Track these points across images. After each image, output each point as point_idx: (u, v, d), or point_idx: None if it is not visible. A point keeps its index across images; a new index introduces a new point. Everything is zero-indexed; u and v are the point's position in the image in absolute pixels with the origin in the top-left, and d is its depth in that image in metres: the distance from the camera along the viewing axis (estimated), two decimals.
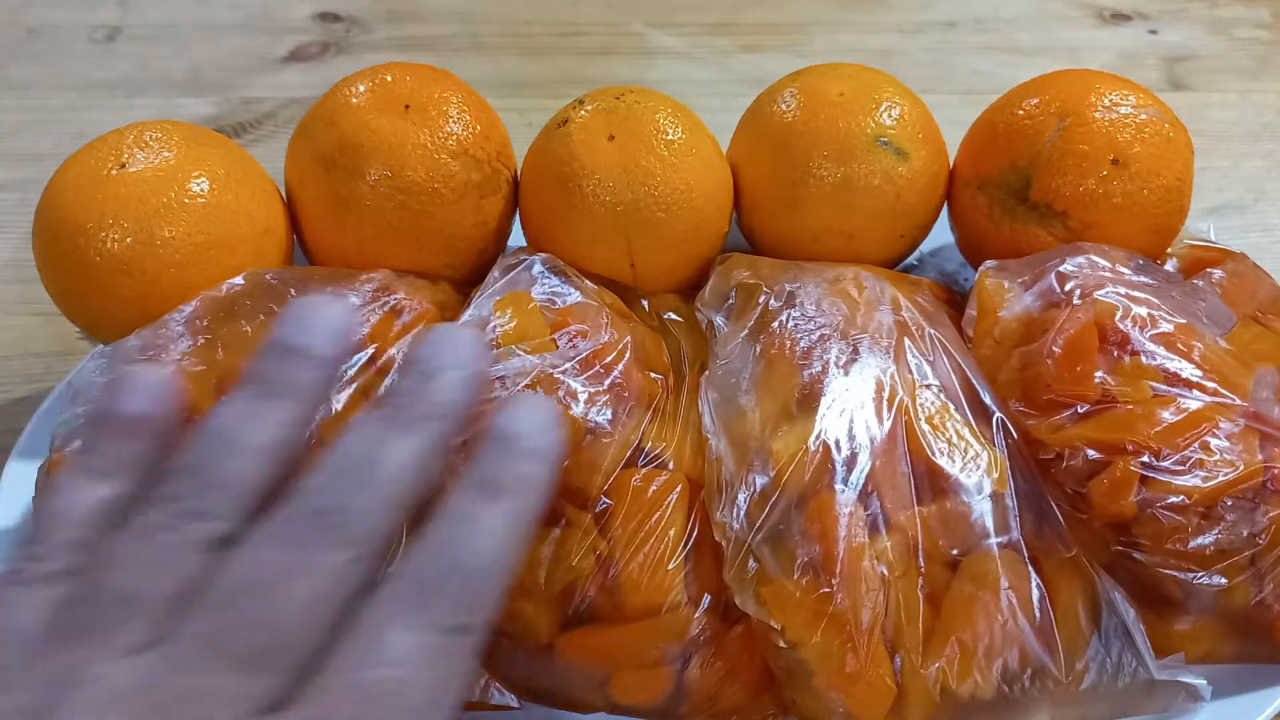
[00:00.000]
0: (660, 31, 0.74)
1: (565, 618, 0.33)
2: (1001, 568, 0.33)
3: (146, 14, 0.74)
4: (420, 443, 0.26)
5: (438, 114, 0.42)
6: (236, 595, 0.23)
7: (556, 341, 0.37)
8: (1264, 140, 0.64)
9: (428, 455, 0.26)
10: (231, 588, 0.23)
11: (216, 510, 0.24)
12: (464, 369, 0.27)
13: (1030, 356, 0.37)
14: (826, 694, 0.32)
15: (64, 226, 0.39)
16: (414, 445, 0.26)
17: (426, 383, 0.27)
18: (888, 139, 0.43)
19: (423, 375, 0.27)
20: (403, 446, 0.26)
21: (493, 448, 0.27)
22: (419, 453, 0.26)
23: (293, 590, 0.23)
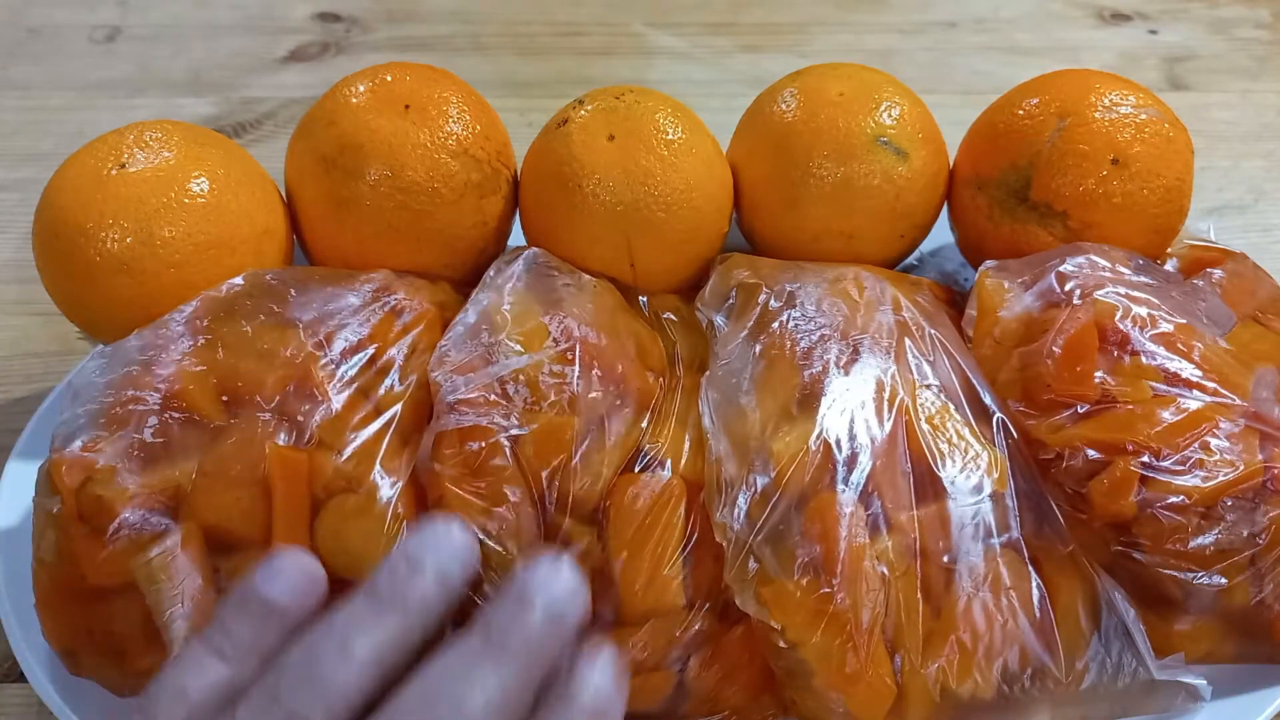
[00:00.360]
0: (660, 31, 0.74)
1: None
2: (1001, 568, 0.33)
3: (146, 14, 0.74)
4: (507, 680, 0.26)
5: (438, 114, 0.42)
6: None
7: (548, 327, 0.37)
8: (1264, 140, 0.64)
9: (511, 694, 0.26)
10: None
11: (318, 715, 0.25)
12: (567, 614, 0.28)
13: (1030, 356, 0.37)
14: (826, 694, 0.32)
15: (64, 226, 0.39)
16: (502, 682, 0.26)
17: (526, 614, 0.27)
18: (888, 139, 0.43)
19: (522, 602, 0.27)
20: (491, 683, 0.26)
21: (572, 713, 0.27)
22: (504, 689, 0.26)
23: None
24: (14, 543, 0.38)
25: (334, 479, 0.33)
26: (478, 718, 0.25)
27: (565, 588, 0.28)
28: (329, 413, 0.35)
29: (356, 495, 0.33)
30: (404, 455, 0.35)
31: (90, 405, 0.35)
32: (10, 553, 0.38)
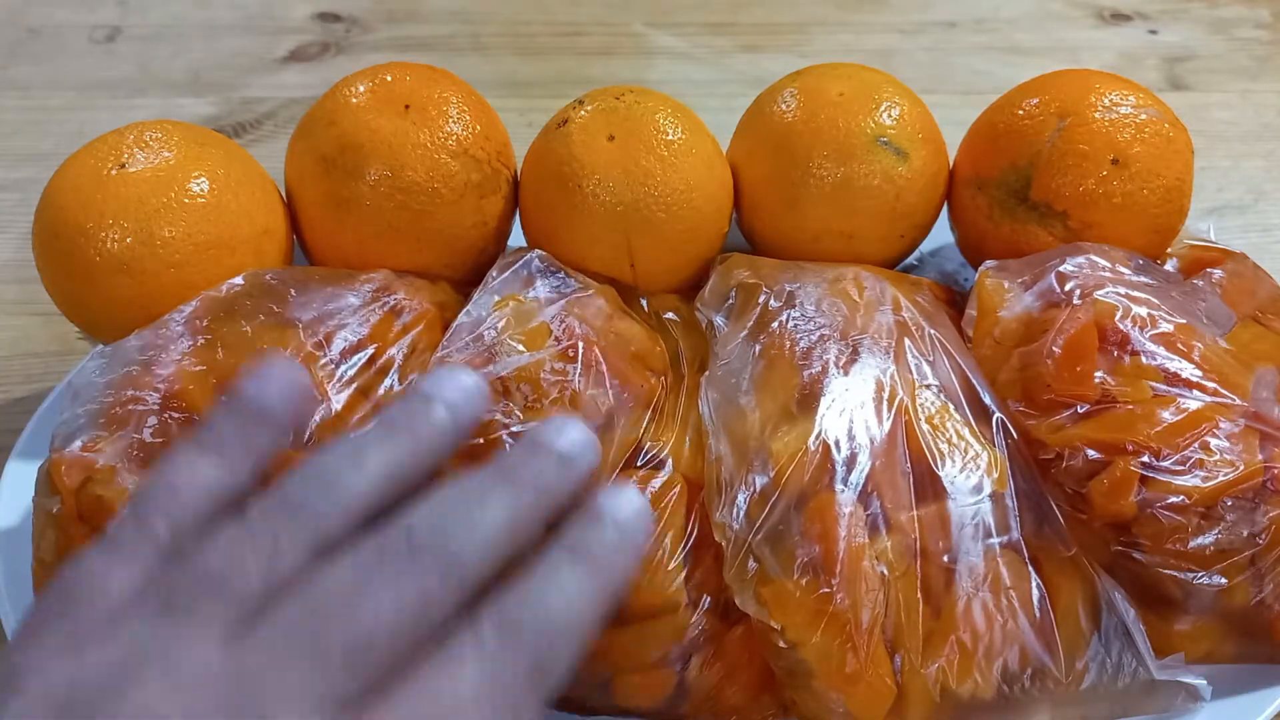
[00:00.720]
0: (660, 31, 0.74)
1: None
2: (1001, 568, 0.33)
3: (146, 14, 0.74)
4: (523, 505, 0.27)
5: (437, 114, 0.42)
6: (328, 597, 0.24)
7: (550, 326, 0.37)
8: (1264, 140, 0.64)
9: (525, 520, 0.27)
10: (325, 590, 0.24)
11: (329, 515, 0.25)
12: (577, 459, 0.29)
13: (1030, 356, 0.37)
14: (826, 694, 0.32)
15: (64, 226, 0.39)
16: (514, 505, 0.27)
17: (538, 457, 0.28)
18: (888, 139, 0.43)
19: (534, 447, 0.28)
20: (504, 503, 0.27)
21: (588, 522, 0.28)
22: (516, 510, 0.27)
23: (382, 602, 0.24)
24: (14, 543, 0.38)
25: None
26: (487, 533, 0.26)
27: (576, 437, 0.29)
28: (328, 413, 0.35)
29: None
30: None
31: (90, 405, 0.35)
32: (10, 553, 0.38)
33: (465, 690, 0.24)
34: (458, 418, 0.29)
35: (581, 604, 0.26)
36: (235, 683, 0.22)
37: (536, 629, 0.25)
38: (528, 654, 0.25)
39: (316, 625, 0.23)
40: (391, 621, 0.24)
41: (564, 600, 0.26)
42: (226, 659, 0.22)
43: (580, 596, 0.26)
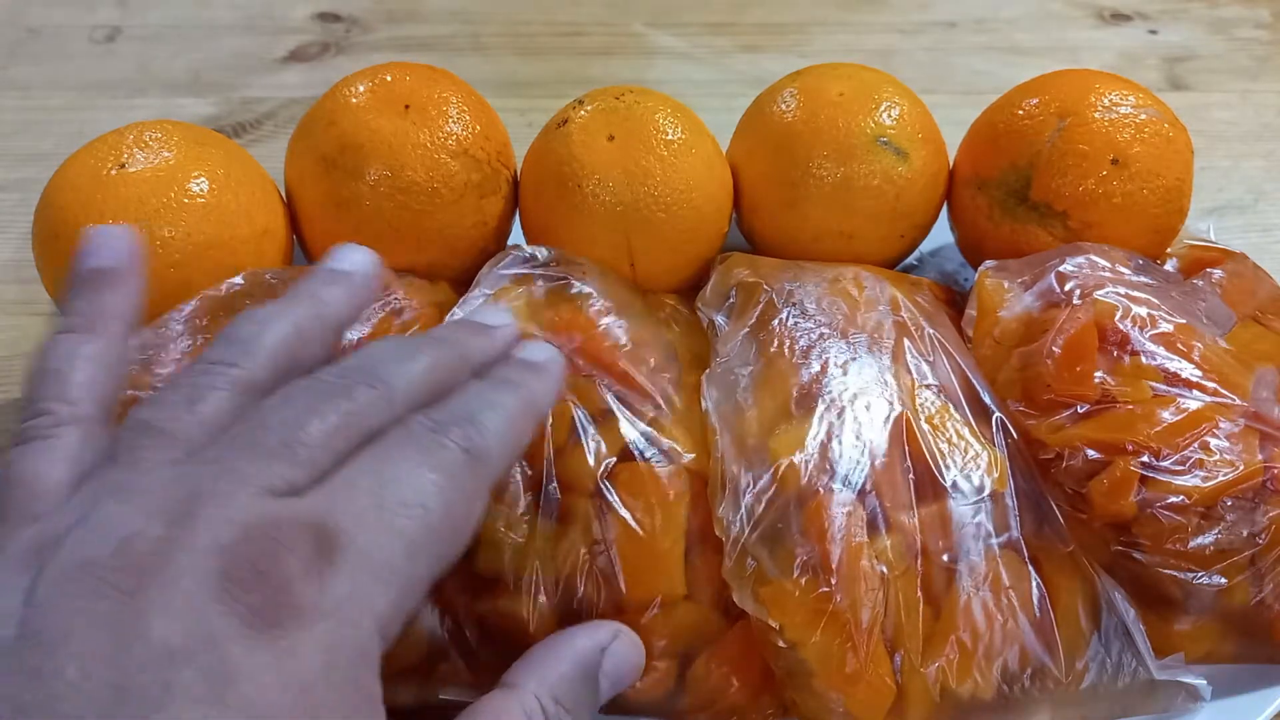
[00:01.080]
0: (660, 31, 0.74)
1: (563, 612, 0.33)
2: (1001, 568, 0.33)
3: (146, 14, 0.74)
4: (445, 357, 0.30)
5: (437, 114, 0.42)
6: (264, 414, 0.25)
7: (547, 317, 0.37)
8: (1264, 140, 0.64)
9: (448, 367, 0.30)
10: (262, 411, 0.25)
11: (250, 364, 0.27)
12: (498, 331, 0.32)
13: (1030, 356, 0.37)
14: (826, 694, 0.32)
15: (64, 226, 0.39)
16: (439, 356, 0.29)
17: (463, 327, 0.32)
18: (887, 139, 0.43)
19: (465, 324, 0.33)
20: (433, 355, 0.29)
21: (509, 362, 0.31)
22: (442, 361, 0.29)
23: (317, 410, 0.25)
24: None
25: None
26: (414, 369, 0.28)
27: (501, 318, 0.33)
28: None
29: None
30: None
31: None
32: None
33: (403, 466, 0.25)
34: (354, 283, 0.31)
35: (502, 408, 0.28)
36: (181, 484, 0.23)
37: (463, 421, 0.27)
38: (458, 440, 0.26)
39: (255, 433, 0.25)
40: (327, 425, 0.25)
41: (485, 403, 0.28)
42: (174, 474, 0.24)
43: (501, 403, 0.28)
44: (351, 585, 0.23)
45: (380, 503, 0.24)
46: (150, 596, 0.21)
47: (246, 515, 0.23)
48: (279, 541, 0.22)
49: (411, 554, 0.24)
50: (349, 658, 0.22)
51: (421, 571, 0.25)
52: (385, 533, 0.24)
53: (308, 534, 0.23)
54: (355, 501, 0.24)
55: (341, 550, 0.23)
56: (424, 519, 0.25)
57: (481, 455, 0.27)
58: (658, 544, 0.33)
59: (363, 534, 0.23)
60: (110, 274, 0.29)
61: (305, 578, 0.22)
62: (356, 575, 0.23)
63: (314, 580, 0.22)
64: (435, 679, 0.33)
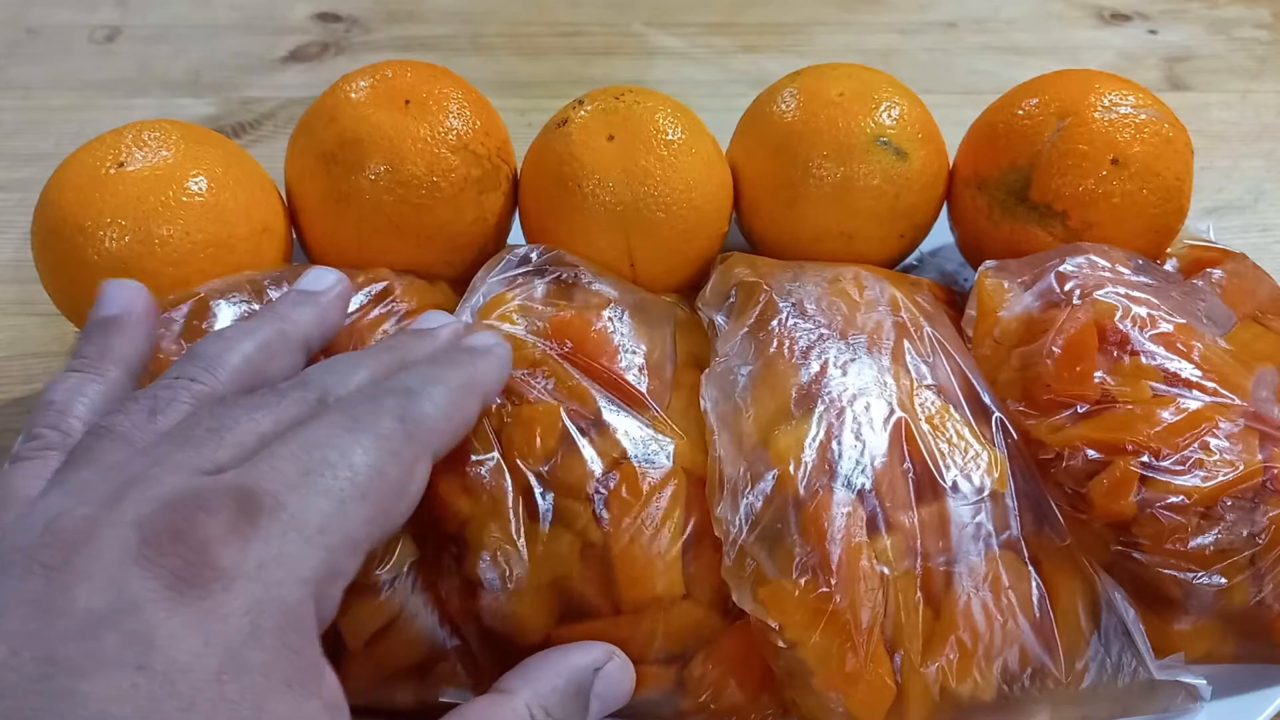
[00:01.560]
0: (660, 31, 0.74)
1: (560, 613, 0.33)
2: (1001, 568, 0.33)
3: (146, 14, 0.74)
4: (387, 360, 0.31)
5: (438, 109, 0.42)
6: (202, 411, 0.27)
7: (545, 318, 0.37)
8: (1264, 140, 0.64)
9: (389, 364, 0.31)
10: (203, 415, 0.26)
11: (211, 379, 0.28)
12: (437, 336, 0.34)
13: (1030, 356, 0.37)
14: (826, 694, 0.32)
15: (63, 226, 0.39)
16: (382, 364, 0.30)
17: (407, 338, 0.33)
18: (887, 139, 0.43)
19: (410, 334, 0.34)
20: (371, 365, 0.30)
21: (452, 349, 0.32)
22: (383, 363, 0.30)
23: (253, 410, 0.26)
24: None
25: None
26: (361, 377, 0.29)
27: (444, 319, 0.34)
28: None
29: None
30: None
31: None
32: None
33: (330, 433, 0.26)
34: (322, 305, 0.33)
35: (442, 381, 0.29)
36: (119, 472, 0.24)
37: (398, 392, 0.28)
38: (391, 408, 0.27)
39: (188, 428, 0.26)
40: (255, 418, 0.26)
41: (424, 378, 0.29)
42: (115, 467, 0.25)
43: (440, 377, 0.29)
44: (277, 547, 0.23)
45: (306, 468, 0.24)
46: (74, 569, 0.22)
47: (169, 491, 0.23)
48: (199, 508, 0.23)
49: (343, 515, 0.24)
50: (276, 620, 0.22)
51: (356, 533, 0.25)
52: (312, 494, 0.24)
53: (229, 499, 0.23)
54: (280, 468, 0.24)
55: (266, 512, 0.23)
56: (353, 480, 0.25)
57: (417, 421, 0.27)
58: (655, 545, 0.33)
59: (290, 496, 0.24)
60: (117, 322, 0.31)
61: (225, 541, 0.22)
62: (283, 536, 0.23)
63: (235, 543, 0.23)
64: (434, 679, 0.33)
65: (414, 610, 0.33)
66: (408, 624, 0.33)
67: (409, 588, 0.33)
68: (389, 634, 0.33)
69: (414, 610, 0.33)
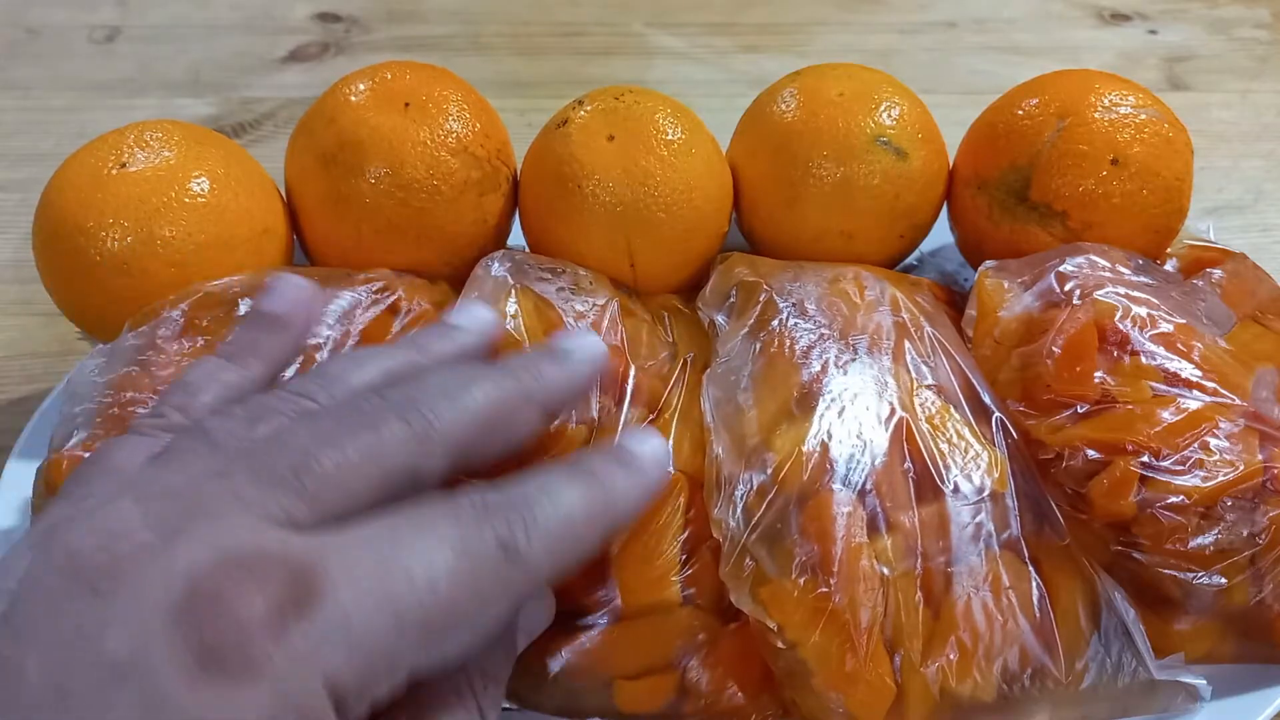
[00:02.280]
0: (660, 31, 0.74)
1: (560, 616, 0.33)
2: (1002, 568, 0.33)
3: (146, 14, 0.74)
4: (514, 388, 0.29)
5: (437, 111, 0.42)
6: (295, 438, 0.25)
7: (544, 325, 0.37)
8: (1264, 140, 0.64)
9: (514, 401, 0.28)
10: (293, 433, 0.25)
11: (319, 397, 0.27)
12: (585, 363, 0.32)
13: (1030, 356, 0.37)
14: (826, 694, 0.32)
15: (64, 226, 0.39)
16: (508, 387, 0.28)
17: (544, 356, 0.31)
18: (887, 139, 0.43)
19: (544, 349, 0.32)
20: (494, 385, 0.28)
21: (605, 450, 0.29)
22: (507, 394, 0.28)
23: (344, 444, 0.25)
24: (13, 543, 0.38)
25: None
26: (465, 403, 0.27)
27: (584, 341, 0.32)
28: None
29: None
30: None
31: (88, 404, 0.35)
32: None
33: (426, 536, 0.23)
34: (467, 343, 0.32)
35: (567, 505, 0.26)
36: (191, 497, 0.23)
37: (513, 509, 0.25)
38: (499, 529, 0.24)
39: (275, 458, 0.24)
40: (343, 458, 0.24)
41: (548, 493, 0.26)
42: (192, 484, 0.24)
43: (567, 499, 0.26)
44: (315, 644, 0.21)
45: (383, 563, 0.22)
46: (114, 605, 0.21)
47: (231, 540, 0.22)
48: (252, 577, 0.21)
49: (400, 630, 0.22)
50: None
51: (406, 654, 0.22)
52: (376, 596, 0.22)
53: (285, 574, 0.22)
54: (354, 554, 0.22)
55: (318, 600, 0.22)
56: (426, 598, 0.22)
57: (519, 558, 0.24)
58: (654, 548, 0.33)
59: (349, 591, 0.22)
60: (279, 320, 0.31)
61: (266, 626, 0.21)
62: (326, 636, 0.21)
63: (275, 630, 0.21)
64: None
65: None
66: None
67: None
68: None
69: None
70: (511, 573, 0.24)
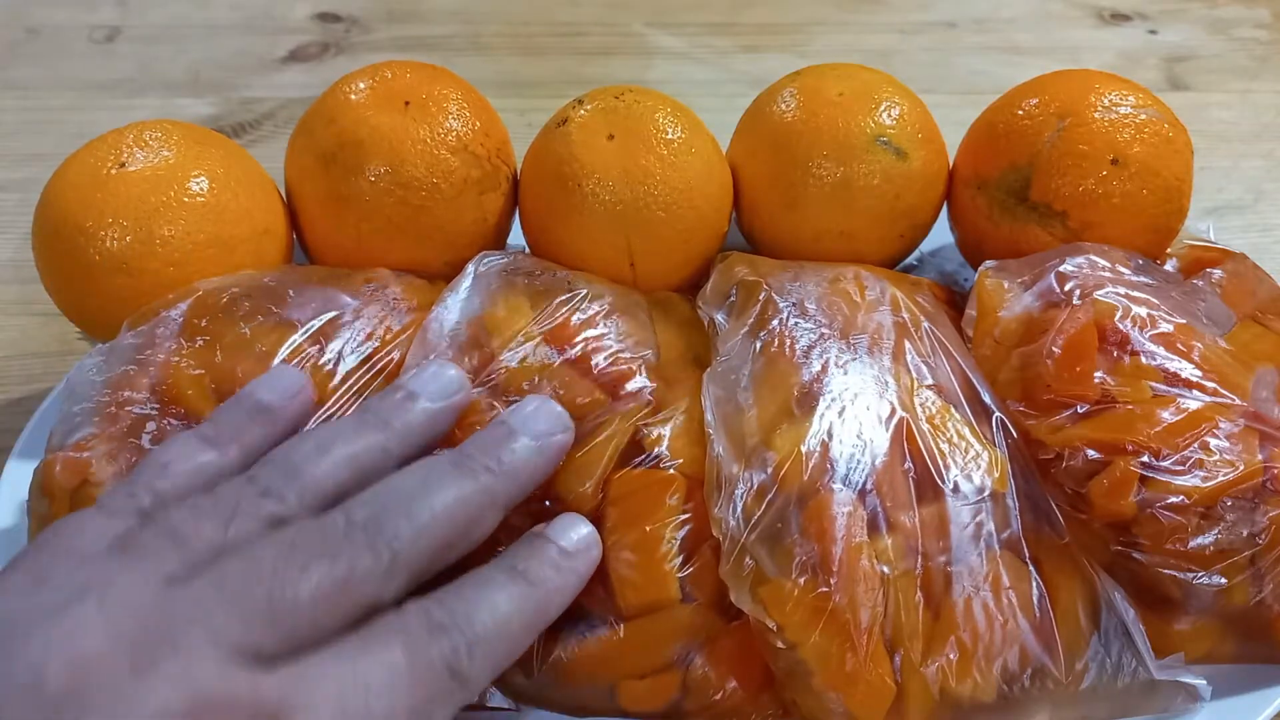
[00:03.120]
0: (660, 31, 0.74)
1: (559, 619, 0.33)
2: (1002, 568, 0.33)
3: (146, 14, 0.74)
4: (472, 490, 0.29)
5: (437, 110, 0.42)
6: (263, 560, 0.25)
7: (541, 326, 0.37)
8: (1264, 140, 0.64)
9: (473, 503, 0.29)
10: (261, 554, 0.25)
11: (288, 497, 0.27)
12: (544, 441, 0.31)
13: (1030, 356, 0.37)
14: (826, 694, 0.32)
15: (64, 226, 0.39)
16: (466, 492, 0.28)
17: (505, 441, 0.31)
18: (887, 139, 0.43)
19: (506, 432, 0.31)
20: (454, 490, 0.28)
21: (546, 546, 0.30)
22: (465, 500, 0.28)
23: (310, 570, 0.25)
24: (13, 543, 0.38)
25: None
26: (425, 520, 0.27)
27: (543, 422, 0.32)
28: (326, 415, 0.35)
29: None
30: None
31: (86, 404, 0.35)
32: (9, 553, 0.38)
33: (380, 672, 0.25)
34: (432, 415, 0.31)
35: (506, 616, 0.27)
36: (159, 616, 0.23)
37: (459, 629, 0.26)
38: (446, 654, 0.26)
39: (246, 582, 0.25)
40: (317, 589, 0.25)
41: (490, 607, 0.27)
42: (159, 598, 0.24)
43: (506, 611, 0.28)
44: None
45: (343, 698, 0.24)
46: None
47: (201, 681, 0.22)
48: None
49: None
50: None
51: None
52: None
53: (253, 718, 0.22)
54: (319, 689, 0.23)
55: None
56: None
57: (463, 677, 0.26)
58: (654, 550, 0.33)
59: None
60: (267, 411, 0.31)
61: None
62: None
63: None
64: None
65: None
66: None
67: None
68: None
69: None
70: (456, 691, 0.26)
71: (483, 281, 0.40)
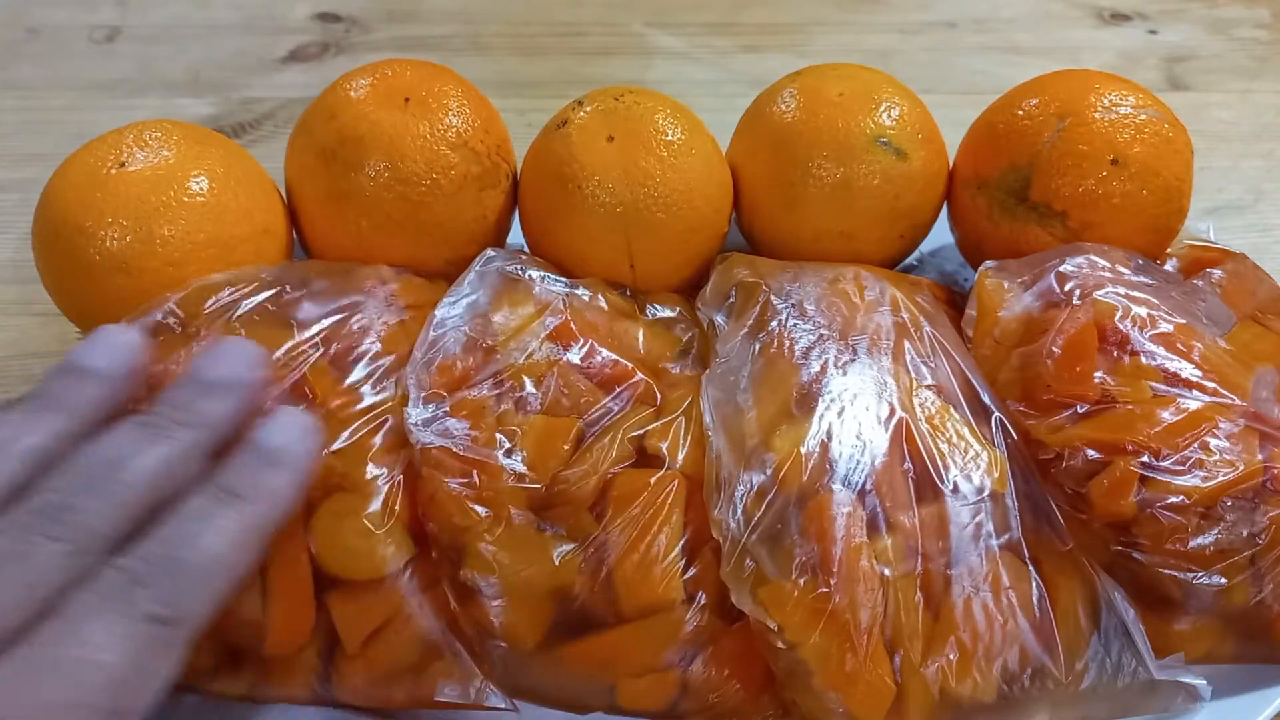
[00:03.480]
0: (660, 31, 0.74)
1: (559, 621, 0.33)
2: (1001, 568, 0.33)
3: (146, 14, 0.74)
4: (169, 450, 0.28)
5: (437, 106, 0.42)
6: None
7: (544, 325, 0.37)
8: (1264, 140, 0.64)
9: (175, 463, 0.28)
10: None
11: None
12: (235, 382, 0.30)
13: (1030, 356, 0.37)
14: (826, 694, 0.32)
15: (63, 225, 0.39)
16: (162, 453, 0.28)
17: (195, 395, 0.30)
18: (887, 139, 0.43)
19: (194, 386, 0.30)
20: (150, 454, 0.28)
21: (242, 456, 0.29)
22: (166, 460, 0.28)
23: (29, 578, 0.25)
24: None
25: (328, 477, 0.33)
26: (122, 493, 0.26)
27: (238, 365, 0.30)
28: (325, 412, 0.35)
29: (351, 494, 0.33)
30: (399, 453, 0.35)
31: None
32: None
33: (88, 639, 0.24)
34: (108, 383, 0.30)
35: (222, 541, 0.27)
36: None
37: (168, 572, 0.26)
38: (157, 595, 0.25)
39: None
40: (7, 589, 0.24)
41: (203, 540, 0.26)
42: None
43: (221, 534, 0.27)
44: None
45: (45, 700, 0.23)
46: None
47: None
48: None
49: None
50: None
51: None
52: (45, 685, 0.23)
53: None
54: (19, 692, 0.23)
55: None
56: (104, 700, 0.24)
57: (174, 621, 0.25)
58: (653, 550, 0.33)
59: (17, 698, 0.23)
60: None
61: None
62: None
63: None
64: (430, 677, 0.33)
65: (411, 610, 0.33)
66: (405, 623, 0.33)
67: (407, 587, 0.33)
68: (386, 633, 0.33)
69: (411, 610, 0.33)
70: (170, 636, 0.25)
71: (486, 279, 0.40)
